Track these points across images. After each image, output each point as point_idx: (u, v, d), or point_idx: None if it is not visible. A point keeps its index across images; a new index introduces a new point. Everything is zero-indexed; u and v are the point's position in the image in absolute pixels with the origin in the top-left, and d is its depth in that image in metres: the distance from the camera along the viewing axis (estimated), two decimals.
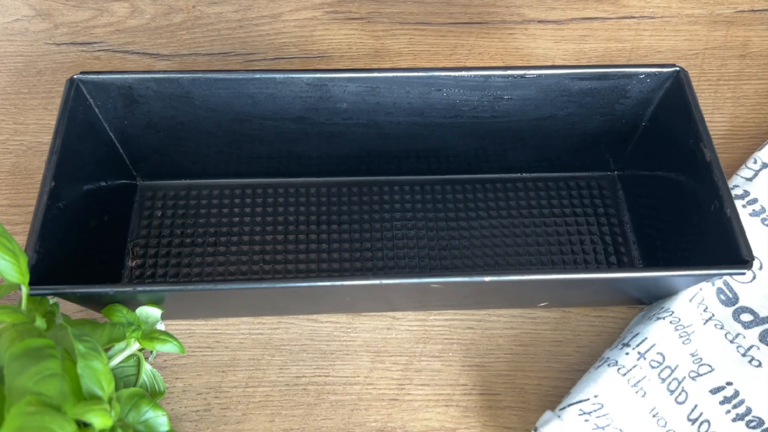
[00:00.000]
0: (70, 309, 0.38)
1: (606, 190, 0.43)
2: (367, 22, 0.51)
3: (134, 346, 0.34)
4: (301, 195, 0.42)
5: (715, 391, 0.35)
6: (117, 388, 0.32)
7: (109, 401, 0.28)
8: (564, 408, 0.34)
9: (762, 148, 0.42)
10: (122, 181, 0.41)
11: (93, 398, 0.28)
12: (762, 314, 0.37)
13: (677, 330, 0.36)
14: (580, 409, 0.33)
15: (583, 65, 0.39)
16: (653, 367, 0.35)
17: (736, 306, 0.37)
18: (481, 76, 0.37)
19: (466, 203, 0.43)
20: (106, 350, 0.33)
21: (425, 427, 0.36)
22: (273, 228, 0.41)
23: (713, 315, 0.37)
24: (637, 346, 0.35)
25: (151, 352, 0.36)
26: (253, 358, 0.37)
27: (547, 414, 0.34)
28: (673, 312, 0.36)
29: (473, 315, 0.39)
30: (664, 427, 0.34)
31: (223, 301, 0.35)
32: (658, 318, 0.36)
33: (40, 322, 0.31)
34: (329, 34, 0.50)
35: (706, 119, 0.37)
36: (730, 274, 0.34)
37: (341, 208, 0.42)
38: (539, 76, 0.38)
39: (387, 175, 0.43)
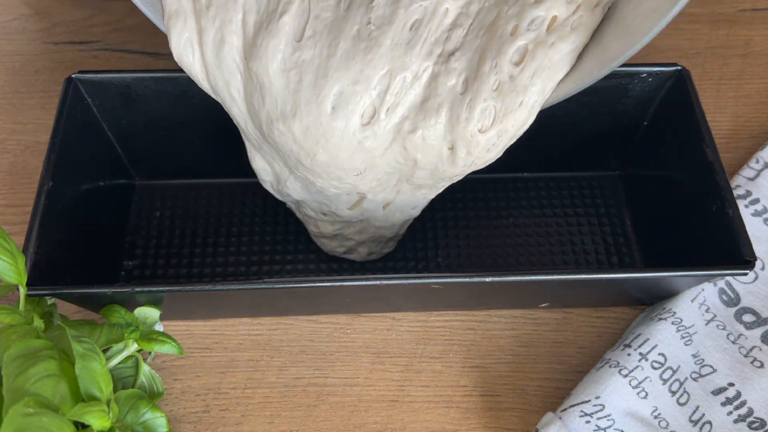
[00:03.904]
0: (68, 309, 0.38)
1: (607, 190, 0.43)
2: None
3: (132, 347, 0.34)
4: None
5: (717, 392, 0.35)
6: (115, 390, 0.32)
7: (108, 402, 0.28)
8: (565, 409, 0.33)
9: (764, 148, 0.42)
10: (120, 180, 0.41)
11: (91, 399, 0.28)
12: (764, 315, 0.37)
13: (679, 331, 0.36)
14: (582, 411, 0.33)
15: None
16: (655, 368, 0.35)
17: (738, 306, 0.37)
18: None
19: (466, 203, 0.42)
20: (105, 351, 0.33)
21: (426, 429, 0.35)
22: (273, 228, 0.41)
23: (715, 316, 0.37)
24: (639, 347, 0.35)
25: (150, 353, 0.36)
26: (252, 359, 0.37)
27: (548, 415, 0.34)
28: (674, 312, 0.36)
29: (474, 316, 0.39)
30: (666, 428, 0.34)
31: (222, 301, 0.35)
32: (660, 319, 0.36)
33: (38, 323, 0.31)
34: None
35: (707, 118, 0.36)
36: (732, 275, 0.33)
37: None
38: None
39: None
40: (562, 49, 0.29)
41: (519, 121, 0.30)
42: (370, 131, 0.30)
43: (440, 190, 0.35)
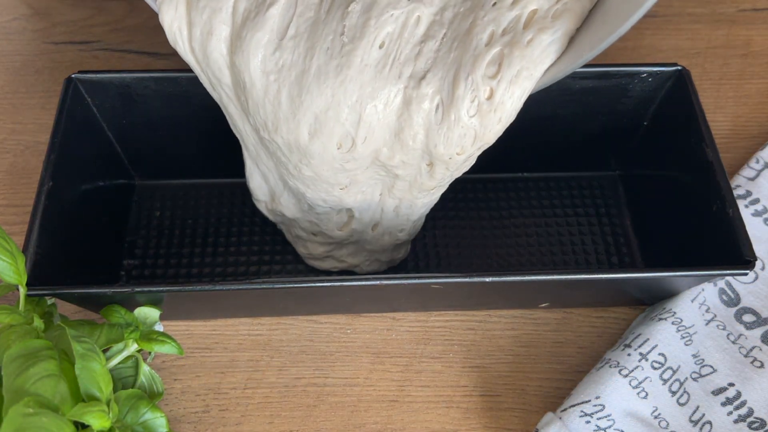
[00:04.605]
0: (68, 309, 0.38)
1: (607, 190, 0.43)
2: None
3: (132, 347, 0.34)
4: None
5: (717, 392, 0.35)
6: (115, 390, 0.32)
7: (107, 402, 0.28)
8: (565, 409, 0.33)
9: (764, 148, 0.42)
10: (120, 180, 0.41)
11: (91, 399, 0.28)
12: (764, 315, 0.37)
13: (679, 331, 0.36)
14: (582, 411, 0.33)
15: None
16: (655, 368, 0.35)
17: (738, 307, 0.37)
18: None
19: (467, 203, 0.42)
20: (105, 351, 0.33)
21: (426, 429, 0.35)
22: (273, 228, 0.41)
23: (715, 316, 0.37)
24: (639, 347, 0.35)
25: (150, 353, 0.36)
26: (252, 359, 0.37)
27: (549, 415, 0.34)
28: (674, 313, 0.36)
29: (474, 316, 0.39)
30: (666, 428, 0.34)
31: (222, 301, 0.35)
32: (660, 319, 0.36)
33: (38, 323, 0.30)
34: None
35: (707, 118, 0.36)
36: (732, 275, 0.33)
37: None
38: None
39: None
40: (543, 41, 0.28)
41: (497, 132, 0.30)
42: (349, 156, 0.31)
43: (422, 209, 0.35)
